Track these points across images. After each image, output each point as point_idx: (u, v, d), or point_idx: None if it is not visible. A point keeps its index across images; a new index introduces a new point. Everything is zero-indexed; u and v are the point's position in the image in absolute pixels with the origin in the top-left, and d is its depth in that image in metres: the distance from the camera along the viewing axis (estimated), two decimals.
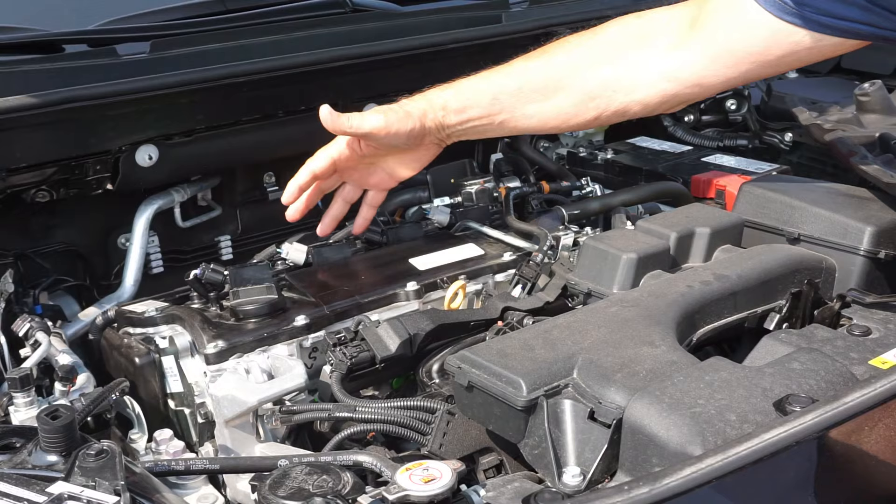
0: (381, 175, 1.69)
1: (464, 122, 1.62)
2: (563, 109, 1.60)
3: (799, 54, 1.44)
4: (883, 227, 1.66)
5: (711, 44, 1.48)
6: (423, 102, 1.63)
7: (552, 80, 1.58)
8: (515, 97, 1.59)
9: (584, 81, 1.57)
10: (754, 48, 1.45)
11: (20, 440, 1.13)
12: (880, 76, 2.23)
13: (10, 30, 1.83)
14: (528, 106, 1.60)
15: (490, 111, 1.61)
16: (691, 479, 0.98)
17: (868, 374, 1.28)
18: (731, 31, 1.46)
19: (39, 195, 1.79)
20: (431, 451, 1.36)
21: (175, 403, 1.61)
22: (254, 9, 2.04)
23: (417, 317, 1.60)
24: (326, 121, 1.59)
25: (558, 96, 1.58)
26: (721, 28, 1.47)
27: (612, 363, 1.27)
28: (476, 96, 1.61)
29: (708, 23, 1.48)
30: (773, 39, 1.42)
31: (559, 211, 1.98)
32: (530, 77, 1.60)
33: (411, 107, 1.62)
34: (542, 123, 1.64)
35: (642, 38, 1.54)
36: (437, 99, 1.62)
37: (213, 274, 1.71)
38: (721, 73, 1.50)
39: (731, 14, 1.45)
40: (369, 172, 1.68)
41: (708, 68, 1.50)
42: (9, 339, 1.56)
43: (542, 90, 1.58)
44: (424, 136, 1.62)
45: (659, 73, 1.53)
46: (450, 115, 1.61)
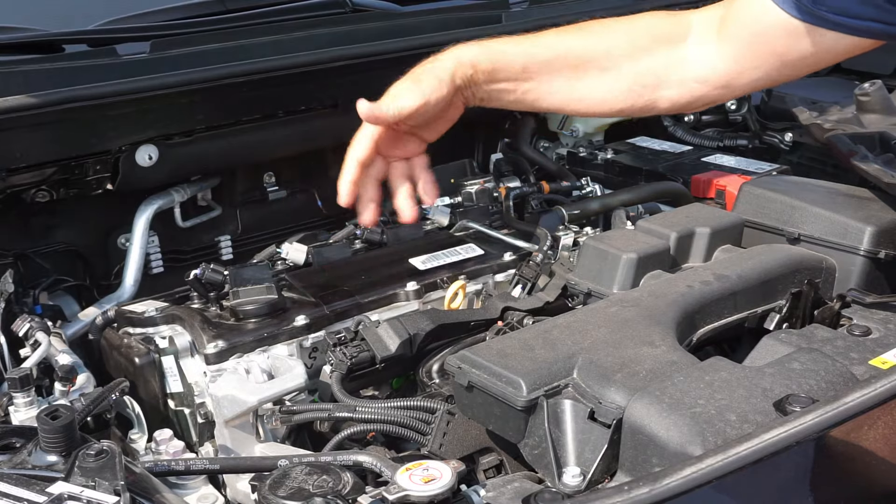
0: (415, 142, 1.62)
1: (491, 82, 1.57)
2: (589, 94, 1.57)
3: (818, 55, 1.44)
4: (883, 227, 1.66)
5: (737, 45, 1.48)
6: (449, 61, 1.55)
7: (585, 59, 1.55)
8: (545, 69, 1.55)
9: (616, 71, 1.54)
10: (776, 49, 1.45)
11: (20, 440, 1.13)
12: (880, 76, 2.23)
13: (10, 30, 1.83)
14: (556, 80, 1.56)
15: (518, 77, 1.56)
16: (691, 480, 0.98)
17: (868, 374, 1.28)
18: (754, 31, 1.46)
19: (39, 195, 1.79)
20: (431, 451, 1.36)
21: (175, 403, 1.61)
22: (254, 9, 2.04)
23: (417, 317, 1.60)
24: (367, 115, 1.52)
25: (587, 79, 1.55)
26: (745, 29, 1.47)
27: (612, 363, 1.27)
28: (506, 59, 1.56)
29: (733, 24, 1.48)
30: (792, 40, 1.42)
31: (559, 211, 1.98)
32: (563, 51, 1.56)
33: (439, 70, 1.54)
34: (565, 103, 1.60)
35: (674, 37, 1.53)
36: (466, 55, 1.56)
37: (213, 274, 1.71)
38: (747, 75, 1.50)
39: (752, 15, 1.45)
40: (404, 143, 1.61)
41: (734, 70, 1.50)
42: (9, 339, 1.56)
43: (573, 67, 1.55)
44: (454, 95, 1.56)
45: (689, 72, 1.52)
46: (479, 73, 1.55)
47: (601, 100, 1.57)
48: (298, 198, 2.18)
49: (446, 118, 1.60)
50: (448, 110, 1.58)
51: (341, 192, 1.55)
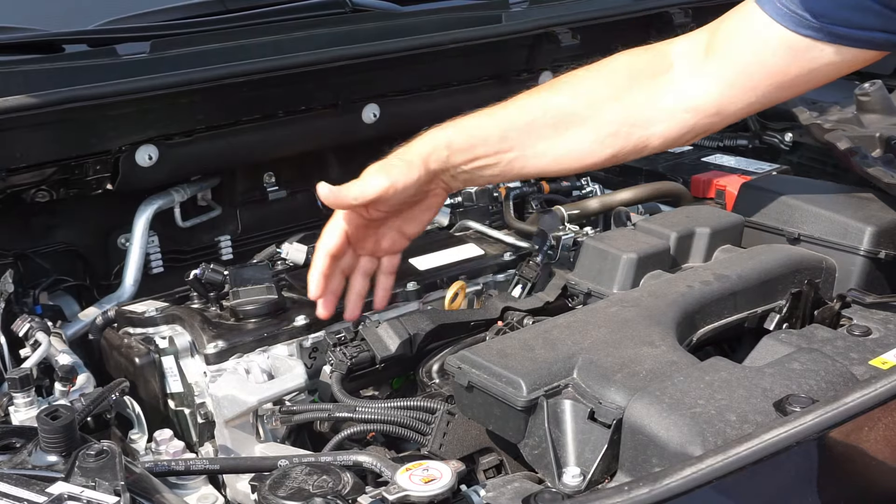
0: (393, 236, 1.56)
1: (470, 160, 1.50)
2: (577, 146, 1.50)
3: (818, 71, 1.40)
4: (883, 227, 1.65)
5: (728, 69, 1.43)
6: (423, 145, 1.50)
7: (564, 114, 1.48)
8: (526, 133, 1.48)
9: (600, 116, 1.48)
10: (772, 68, 1.40)
11: (20, 440, 1.13)
12: (880, 76, 2.23)
13: (10, 30, 1.83)
14: (539, 143, 1.49)
15: (499, 149, 1.49)
16: (691, 480, 0.98)
17: (868, 374, 1.28)
18: (748, 52, 1.41)
19: (39, 195, 1.79)
20: (431, 452, 1.36)
21: (175, 403, 1.61)
22: (254, 9, 2.03)
23: (417, 317, 1.60)
24: (328, 199, 1.45)
25: (571, 132, 1.48)
26: (737, 51, 1.42)
27: (612, 363, 1.27)
28: (483, 133, 1.49)
29: (722, 47, 1.43)
30: (791, 56, 1.38)
31: (559, 211, 1.98)
32: (541, 112, 1.49)
33: (411, 154, 1.49)
34: (554, 162, 1.52)
35: (656, 70, 1.48)
36: (439, 138, 1.50)
37: (213, 274, 1.71)
38: (740, 99, 1.45)
39: (745, 35, 1.41)
40: (380, 236, 1.56)
41: (726, 95, 1.44)
42: (9, 339, 1.56)
43: (553, 125, 1.48)
44: (430, 182, 1.50)
45: (677, 104, 1.47)
46: (455, 154, 1.49)
47: (589, 150, 1.51)
48: (298, 198, 2.18)
49: (425, 207, 1.54)
50: (426, 199, 1.53)
51: (310, 286, 1.51)
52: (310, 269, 1.52)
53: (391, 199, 1.46)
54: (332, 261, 1.52)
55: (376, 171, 1.47)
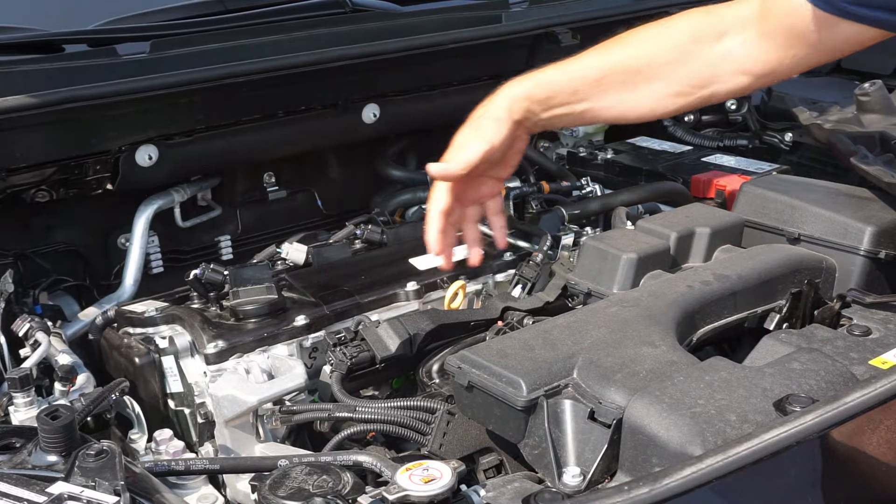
0: (490, 183, 1.69)
1: (548, 109, 1.63)
2: (644, 101, 1.61)
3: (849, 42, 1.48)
4: (883, 227, 1.66)
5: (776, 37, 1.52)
6: (503, 100, 1.62)
7: (631, 72, 1.60)
8: (595, 88, 1.60)
9: (664, 76, 1.59)
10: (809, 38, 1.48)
11: (20, 440, 1.13)
12: (880, 76, 2.23)
13: (10, 30, 1.83)
14: (608, 97, 1.61)
15: (571, 100, 1.62)
16: (691, 480, 0.98)
17: (868, 374, 1.28)
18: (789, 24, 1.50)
19: (39, 195, 1.79)
20: (431, 451, 1.36)
21: (175, 403, 1.61)
22: (254, 9, 2.03)
23: (417, 317, 1.60)
24: (440, 175, 1.60)
25: (638, 89, 1.60)
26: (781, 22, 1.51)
27: (612, 363, 1.27)
28: (556, 87, 1.62)
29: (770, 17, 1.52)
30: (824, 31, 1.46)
31: (559, 211, 1.98)
32: (609, 69, 1.61)
33: (495, 111, 1.61)
34: (623, 114, 1.66)
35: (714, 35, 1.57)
36: (517, 91, 1.62)
37: (213, 274, 1.71)
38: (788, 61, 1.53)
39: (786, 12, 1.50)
40: (479, 185, 1.68)
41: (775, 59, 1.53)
42: (9, 339, 1.56)
43: (621, 82, 1.60)
44: (516, 130, 1.63)
45: (734, 68, 1.56)
46: (534, 104, 1.62)
47: (655, 106, 1.62)
48: (298, 198, 2.18)
49: (514, 152, 1.67)
50: (514, 144, 1.65)
51: (430, 244, 1.63)
52: (426, 229, 1.64)
53: (491, 157, 1.60)
54: (445, 218, 1.64)
55: (472, 137, 1.60)
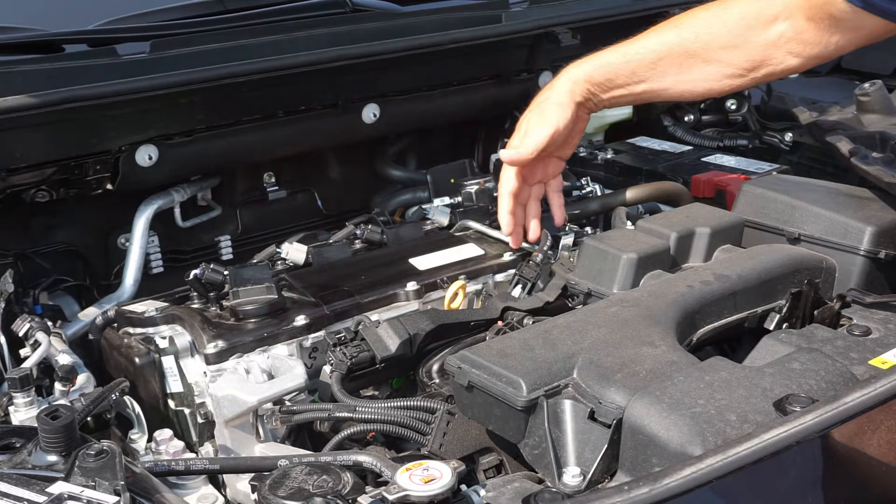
0: (554, 162, 1.81)
1: (608, 90, 1.72)
2: (699, 82, 1.68)
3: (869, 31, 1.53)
4: (883, 227, 1.66)
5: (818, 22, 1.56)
6: (564, 83, 1.72)
7: (687, 55, 1.66)
8: (652, 69, 1.68)
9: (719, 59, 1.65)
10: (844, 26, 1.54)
11: (20, 440, 1.13)
12: (880, 76, 2.23)
13: (10, 30, 1.83)
14: (665, 78, 1.69)
15: (629, 81, 1.70)
16: (691, 480, 0.98)
17: (868, 374, 1.28)
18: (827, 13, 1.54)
19: (39, 195, 1.79)
20: (431, 451, 1.36)
21: (175, 403, 1.61)
22: (253, 9, 2.03)
23: (417, 317, 1.60)
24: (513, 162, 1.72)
25: (694, 70, 1.67)
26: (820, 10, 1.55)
27: (612, 363, 1.27)
28: (615, 69, 1.70)
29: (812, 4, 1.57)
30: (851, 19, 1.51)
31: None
32: (666, 51, 1.68)
33: (558, 95, 1.71)
34: (679, 94, 1.74)
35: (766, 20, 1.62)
36: (578, 73, 1.71)
37: (213, 274, 1.71)
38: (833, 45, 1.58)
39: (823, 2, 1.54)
40: (544, 165, 1.80)
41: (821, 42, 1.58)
42: (9, 339, 1.56)
43: (678, 64, 1.67)
44: (578, 112, 1.73)
45: (784, 49, 1.61)
46: (594, 86, 1.71)
47: (710, 86, 1.70)
48: (298, 198, 2.18)
49: (576, 132, 1.78)
50: (576, 125, 1.75)
51: (503, 224, 1.79)
52: (498, 210, 1.80)
53: (556, 140, 1.72)
54: (514, 199, 1.78)
55: (538, 122, 1.72)
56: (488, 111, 2.29)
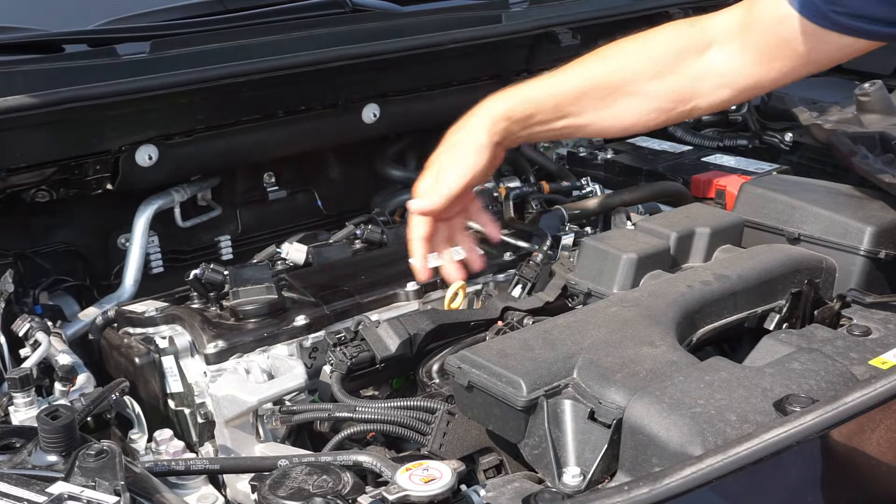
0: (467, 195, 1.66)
1: (527, 128, 1.61)
2: (623, 117, 1.60)
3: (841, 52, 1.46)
4: (883, 227, 1.66)
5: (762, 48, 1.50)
6: (482, 121, 1.59)
7: (612, 88, 1.58)
8: (575, 104, 1.59)
9: (644, 92, 1.57)
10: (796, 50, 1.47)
11: (20, 440, 1.13)
12: (880, 76, 2.23)
13: (10, 30, 1.83)
14: (588, 113, 1.59)
15: (551, 118, 1.60)
16: (691, 480, 0.98)
17: (868, 374, 1.28)
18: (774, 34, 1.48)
19: (39, 195, 1.79)
20: (431, 451, 1.36)
21: (175, 403, 1.61)
22: (253, 9, 2.03)
23: (417, 317, 1.60)
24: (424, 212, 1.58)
25: (618, 104, 1.58)
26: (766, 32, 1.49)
27: (612, 363, 1.27)
28: (536, 104, 1.60)
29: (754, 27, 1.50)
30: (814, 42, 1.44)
31: (559, 211, 1.98)
32: (590, 85, 1.59)
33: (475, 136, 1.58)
34: (602, 129, 1.65)
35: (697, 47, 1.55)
36: (496, 110, 1.59)
37: (213, 274, 1.71)
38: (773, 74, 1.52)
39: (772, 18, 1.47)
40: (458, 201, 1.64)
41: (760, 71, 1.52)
42: (9, 339, 1.56)
43: (601, 98, 1.58)
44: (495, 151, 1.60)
45: (716, 80, 1.54)
46: (513, 123, 1.59)
47: (635, 121, 1.60)
48: (298, 198, 2.18)
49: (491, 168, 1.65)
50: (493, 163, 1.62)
51: (417, 271, 1.62)
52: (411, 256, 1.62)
53: (471, 185, 1.59)
54: (427, 243, 1.63)
55: (450, 167, 1.57)
56: None
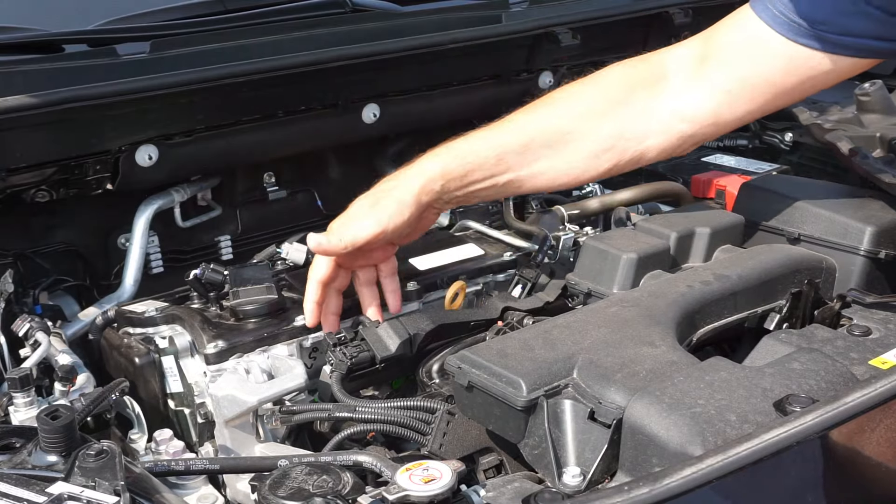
0: (383, 248, 1.58)
1: (466, 185, 1.51)
2: (573, 164, 1.51)
3: (817, 79, 1.39)
4: (883, 227, 1.65)
5: (724, 78, 1.42)
6: (415, 179, 1.49)
7: (560, 133, 1.48)
8: (521, 154, 1.49)
9: (595, 133, 1.48)
10: (770, 77, 1.39)
11: (20, 440, 1.13)
12: (880, 76, 2.23)
13: (10, 30, 1.83)
14: (535, 163, 1.50)
15: (494, 172, 1.50)
16: (691, 480, 0.98)
17: (868, 374, 1.28)
18: (744, 60, 1.40)
19: (39, 195, 1.79)
20: (431, 451, 1.36)
21: (175, 403, 1.61)
22: (253, 9, 2.03)
23: (417, 317, 1.60)
24: (318, 250, 1.47)
25: (567, 150, 1.49)
26: (733, 59, 1.41)
27: (612, 363, 1.27)
28: (477, 158, 1.49)
29: (718, 55, 1.42)
30: (789, 65, 1.37)
31: (559, 211, 1.98)
32: (537, 132, 1.49)
33: (402, 191, 1.48)
34: (551, 181, 1.54)
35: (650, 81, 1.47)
36: (432, 167, 1.49)
37: (213, 274, 1.71)
38: (737, 108, 1.44)
39: (742, 43, 1.40)
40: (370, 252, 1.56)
41: (723, 104, 1.44)
42: (9, 339, 1.56)
43: (549, 145, 1.48)
44: (422, 212, 1.51)
45: (672, 116, 1.46)
46: (450, 182, 1.50)
47: (585, 167, 1.51)
48: (298, 198, 2.18)
49: (417, 229, 1.56)
50: (419, 223, 1.54)
51: (307, 315, 1.55)
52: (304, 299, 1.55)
53: (381, 240, 1.49)
54: (324, 288, 1.54)
55: (365, 215, 1.47)
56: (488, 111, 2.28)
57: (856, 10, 1.33)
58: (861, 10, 1.33)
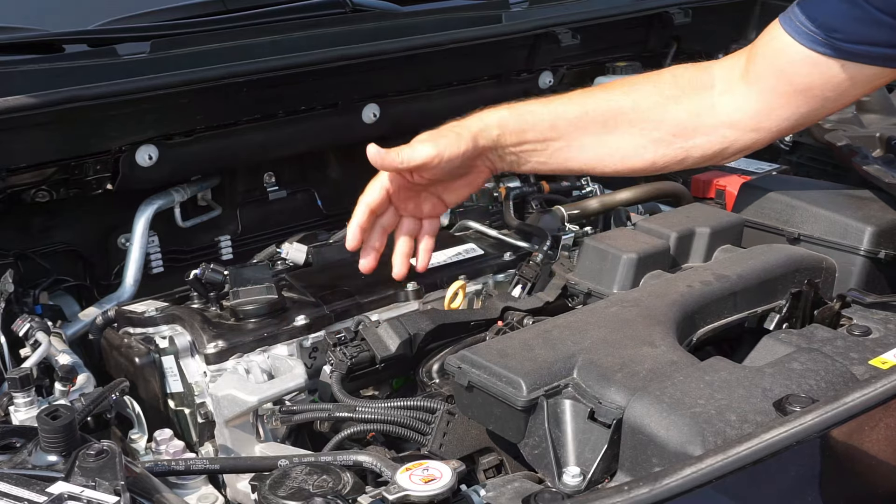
0: (433, 201, 1.62)
1: (519, 143, 1.55)
2: (621, 147, 1.55)
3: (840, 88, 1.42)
4: (883, 227, 1.66)
5: (762, 85, 1.47)
6: (475, 122, 1.55)
7: (614, 113, 1.53)
8: (575, 125, 1.53)
9: (647, 121, 1.53)
10: (799, 85, 1.43)
11: (20, 440, 1.13)
12: None
13: (10, 30, 1.83)
14: (586, 137, 1.54)
15: (548, 136, 1.54)
16: (691, 479, 0.98)
17: (868, 374, 1.28)
18: (775, 70, 1.44)
19: (39, 195, 1.79)
20: (431, 451, 1.36)
21: (175, 403, 1.61)
22: (254, 9, 2.03)
23: (417, 317, 1.60)
24: (375, 160, 1.51)
25: (618, 131, 1.54)
26: (767, 69, 1.45)
27: (612, 363, 1.27)
28: (534, 118, 1.55)
29: (756, 65, 1.47)
30: (815, 74, 1.40)
31: (559, 211, 1.98)
32: (592, 107, 1.55)
33: (462, 128, 1.54)
34: (598, 161, 1.58)
35: (701, 85, 1.52)
36: (492, 117, 1.55)
37: (213, 274, 1.71)
38: (776, 115, 1.48)
39: (772, 53, 1.44)
40: (421, 200, 1.61)
41: (762, 111, 1.48)
42: (9, 339, 1.56)
43: (603, 122, 1.53)
44: (477, 158, 1.55)
45: (718, 119, 1.51)
46: (506, 135, 1.54)
47: (631, 152, 1.56)
48: (298, 198, 2.18)
49: (468, 182, 1.59)
50: (470, 174, 1.57)
51: (348, 236, 1.57)
52: (350, 222, 1.56)
53: (436, 167, 1.51)
54: (371, 215, 1.57)
55: (426, 139, 1.53)
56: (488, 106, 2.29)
57: (868, 18, 1.35)
58: (874, 18, 1.34)
